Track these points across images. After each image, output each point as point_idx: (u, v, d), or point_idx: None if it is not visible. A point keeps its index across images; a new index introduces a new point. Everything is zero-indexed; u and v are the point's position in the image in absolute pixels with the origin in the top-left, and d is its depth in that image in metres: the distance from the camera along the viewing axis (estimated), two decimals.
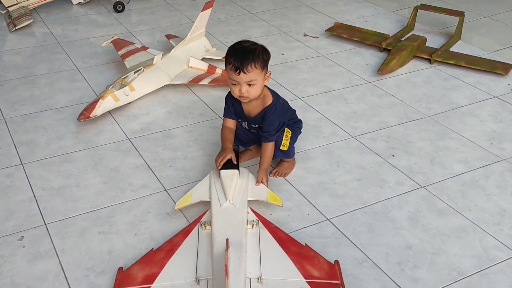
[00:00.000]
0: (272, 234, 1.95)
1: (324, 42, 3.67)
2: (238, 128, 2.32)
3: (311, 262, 1.84)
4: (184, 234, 1.95)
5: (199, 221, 2.01)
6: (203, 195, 2.10)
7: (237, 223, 1.95)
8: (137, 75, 2.84)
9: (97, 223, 2.08)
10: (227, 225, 1.93)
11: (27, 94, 2.96)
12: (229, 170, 2.14)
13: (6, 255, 1.92)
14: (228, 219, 1.96)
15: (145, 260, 1.85)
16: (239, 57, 2.05)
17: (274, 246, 1.90)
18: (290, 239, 1.94)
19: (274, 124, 2.18)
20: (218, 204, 2.03)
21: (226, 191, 2.06)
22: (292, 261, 1.83)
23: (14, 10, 3.88)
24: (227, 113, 2.29)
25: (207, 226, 1.97)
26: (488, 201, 2.22)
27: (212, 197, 2.07)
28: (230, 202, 2.03)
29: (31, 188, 2.25)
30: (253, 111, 2.21)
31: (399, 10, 4.25)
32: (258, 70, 2.06)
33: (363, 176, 2.35)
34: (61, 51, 3.48)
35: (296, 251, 1.88)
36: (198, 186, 2.15)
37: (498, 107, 2.91)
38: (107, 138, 2.58)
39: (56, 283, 1.81)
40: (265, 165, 2.22)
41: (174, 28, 3.84)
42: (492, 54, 3.50)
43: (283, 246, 1.89)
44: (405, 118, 2.79)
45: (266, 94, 2.19)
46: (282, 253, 1.87)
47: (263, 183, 2.17)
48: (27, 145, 2.52)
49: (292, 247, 1.90)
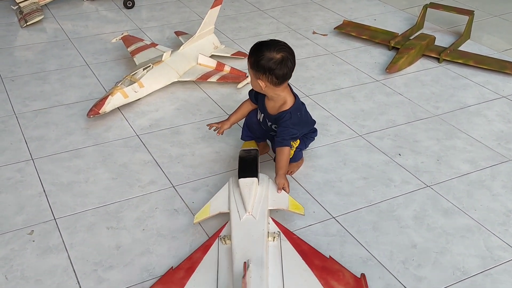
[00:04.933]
0: (294, 247, 1.86)
1: (333, 40, 3.68)
2: (254, 122, 2.36)
3: (336, 276, 1.77)
4: (204, 250, 1.87)
5: (218, 235, 1.92)
6: (222, 206, 2.02)
7: (258, 237, 1.86)
8: (146, 71, 2.87)
9: (105, 218, 2.11)
10: (247, 240, 1.85)
11: (38, 89, 2.99)
12: (248, 178, 2.05)
13: (16, 249, 1.95)
14: (248, 232, 1.88)
15: (165, 280, 1.78)
16: (253, 45, 2.14)
17: (297, 260, 1.82)
18: (314, 251, 1.87)
19: (288, 131, 2.17)
20: (237, 217, 1.95)
21: (245, 202, 1.98)
22: (316, 276, 1.75)
23: (25, 6, 3.92)
24: (250, 93, 2.34)
25: (227, 241, 1.88)
26: (494, 201, 2.23)
27: (231, 208, 1.99)
28: (249, 214, 1.95)
29: (41, 183, 2.29)
30: (271, 110, 2.24)
31: (408, 8, 4.24)
32: (249, 65, 2.14)
33: (370, 174, 2.37)
34: (71, 47, 3.51)
35: (320, 265, 1.81)
36: (217, 196, 2.07)
37: (507, 107, 2.91)
38: (116, 134, 2.61)
39: (64, 277, 1.85)
40: (283, 170, 2.16)
41: (184, 24, 3.86)
42: (501, 54, 3.50)
43: (307, 260, 1.82)
44: (413, 117, 2.79)
45: (287, 102, 2.19)
46: (305, 267, 1.79)
47: (284, 190, 2.11)
48: (38, 140, 2.56)
49: (316, 261, 1.82)
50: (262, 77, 2.10)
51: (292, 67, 2.12)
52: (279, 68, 2.07)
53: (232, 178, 2.15)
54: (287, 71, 2.10)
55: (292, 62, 2.11)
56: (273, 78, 2.09)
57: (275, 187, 2.11)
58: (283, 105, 2.19)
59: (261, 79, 2.11)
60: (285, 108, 2.19)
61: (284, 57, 2.08)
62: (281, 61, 2.07)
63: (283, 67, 2.08)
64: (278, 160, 2.18)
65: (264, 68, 2.08)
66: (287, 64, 2.09)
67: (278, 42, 2.12)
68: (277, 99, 2.19)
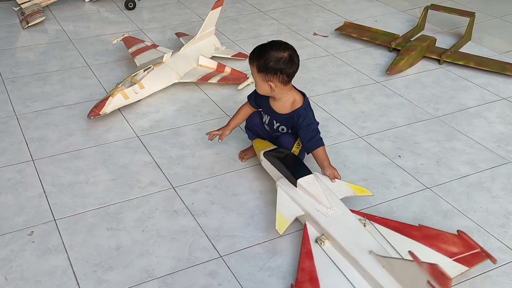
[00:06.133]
0: (386, 227, 1.93)
1: (334, 41, 3.68)
2: (255, 124, 2.37)
3: (441, 240, 1.85)
4: (308, 256, 1.85)
5: (308, 240, 1.91)
6: (295, 210, 2.00)
7: (356, 227, 1.89)
8: (146, 73, 2.87)
9: (105, 219, 2.11)
10: (349, 233, 1.87)
11: (39, 90, 3.00)
12: (306, 177, 2.04)
13: (16, 250, 1.96)
14: (345, 226, 1.90)
15: None
16: (253, 50, 2.14)
17: (398, 238, 1.88)
18: (405, 225, 1.95)
19: (311, 128, 2.17)
20: (322, 215, 1.95)
21: (320, 199, 1.98)
22: (425, 245, 1.83)
23: (27, 7, 3.93)
24: (250, 97, 2.34)
25: (324, 241, 1.89)
26: (494, 203, 2.23)
27: (308, 210, 1.98)
28: (331, 209, 1.96)
29: (41, 184, 2.29)
30: (281, 110, 2.23)
31: (409, 9, 4.24)
32: (254, 70, 2.13)
33: (369, 176, 2.37)
34: (72, 48, 3.52)
35: (420, 235, 1.87)
36: (280, 203, 2.01)
37: (507, 109, 2.91)
38: (116, 136, 2.62)
39: (64, 278, 1.85)
40: (327, 161, 2.17)
41: (185, 26, 3.87)
42: (502, 55, 3.50)
43: (406, 234, 1.88)
44: (413, 119, 2.80)
45: (296, 99, 2.20)
46: (410, 241, 1.85)
47: (336, 177, 2.13)
48: (38, 141, 2.56)
49: (413, 232, 1.88)
50: (273, 78, 2.11)
51: (298, 62, 2.15)
52: (289, 67, 2.10)
53: (280, 181, 2.11)
54: (296, 67, 2.14)
55: (297, 57, 2.14)
56: (284, 77, 2.12)
57: (326, 179, 2.12)
58: (294, 103, 2.20)
59: (271, 81, 2.12)
60: (298, 106, 2.19)
61: (291, 54, 2.11)
62: (289, 59, 2.10)
63: (292, 64, 2.11)
64: (318, 156, 2.18)
65: (275, 69, 2.09)
66: (294, 60, 2.12)
67: (279, 42, 2.14)
68: (285, 99, 2.20)
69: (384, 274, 1.71)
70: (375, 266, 1.74)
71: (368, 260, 1.76)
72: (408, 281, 1.64)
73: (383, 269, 1.72)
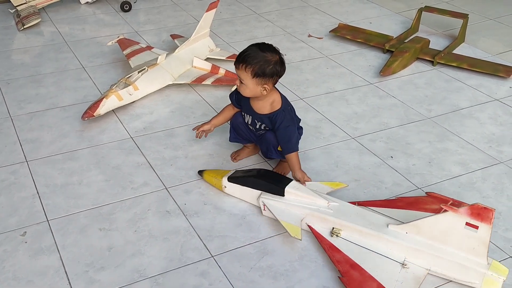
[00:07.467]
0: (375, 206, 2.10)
1: (328, 43, 3.70)
2: (240, 123, 2.37)
3: (421, 203, 2.08)
4: (334, 249, 1.93)
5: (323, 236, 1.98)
6: (296, 215, 2.04)
7: (360, 210, 2.03)
8: (141, 74, 2.89)
9: (98, 220, 2.12)
10: (359, 217, 2.00)
11: (33, 92, 3.01)
12: (290, 183, 2.10)
13: (8, 250, 1.97)
14: (351, 213, 2.02)
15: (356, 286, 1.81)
16: (243, 52, 2.13)
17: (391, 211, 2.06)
18: (388, 201, 2.16)
19: (288, 132, 2.19)
20: (326, 211, 2.02)
21: (314, 198, 2.06)
22: (413, 210, 2.06)
23: (23, 9, 3.94)
24: (231, 97, 2.35)
25: (339, 231, 1.98)
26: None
27: (310, 210, 2.04)
28: (329, 203, 2.04)
29: (34, 185, 2.30)
30: (260, 110, 2.24)
31: (404, 11, 4.26)
32: (247, 75, 2.10)
33: (361, 176, 2.38)
34: (68, 50, 3.53)
35: (404, 204, 2.10)
36: (280, 214, 2.04)
37: (499, 110, 2.92)
38: (110, 137, 2.63)
39: (56, 278, 1.86)
40: (298, 166, 2.21)
41: (180, 28, 3.88)
42: (496, 57, 3.51)
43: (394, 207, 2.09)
44: (406, 120, 2.81)
45: (276, 99, 2.22)
46: (402, 211, 2.05)
47: (307, 181, 2.18)
48: (32, 142, 2.58)
49: (398, 203, 2.11)
50: (268, 82, 2.13)
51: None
52: (283, 69, 2.15)
53: (261, 197, 2.11)
54: (284, 67, 2.17)
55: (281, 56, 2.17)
56: (276, 79, 2.15)
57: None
58: (273, 103, 2.21)
59: (267, 84, 2.13)
60: (276, 107, 2.21)
61: (279, 56, 2.13)
62: (281, 61, 2.13)
63: (283, 65, 2.15)
64: (290, 160, 2.21)
65: (272, 73, 2.11)
66: (283, 61, 2.15)
67: (266, 44, 2.16)
68: (266, 99, 2.21)
69: (412, 238, 1.88)
70: (399, 234, 1.90)
71: (391, 232, 1.91)
72: (439, 233, 1.83)
73: (408, 234, 1.88)
